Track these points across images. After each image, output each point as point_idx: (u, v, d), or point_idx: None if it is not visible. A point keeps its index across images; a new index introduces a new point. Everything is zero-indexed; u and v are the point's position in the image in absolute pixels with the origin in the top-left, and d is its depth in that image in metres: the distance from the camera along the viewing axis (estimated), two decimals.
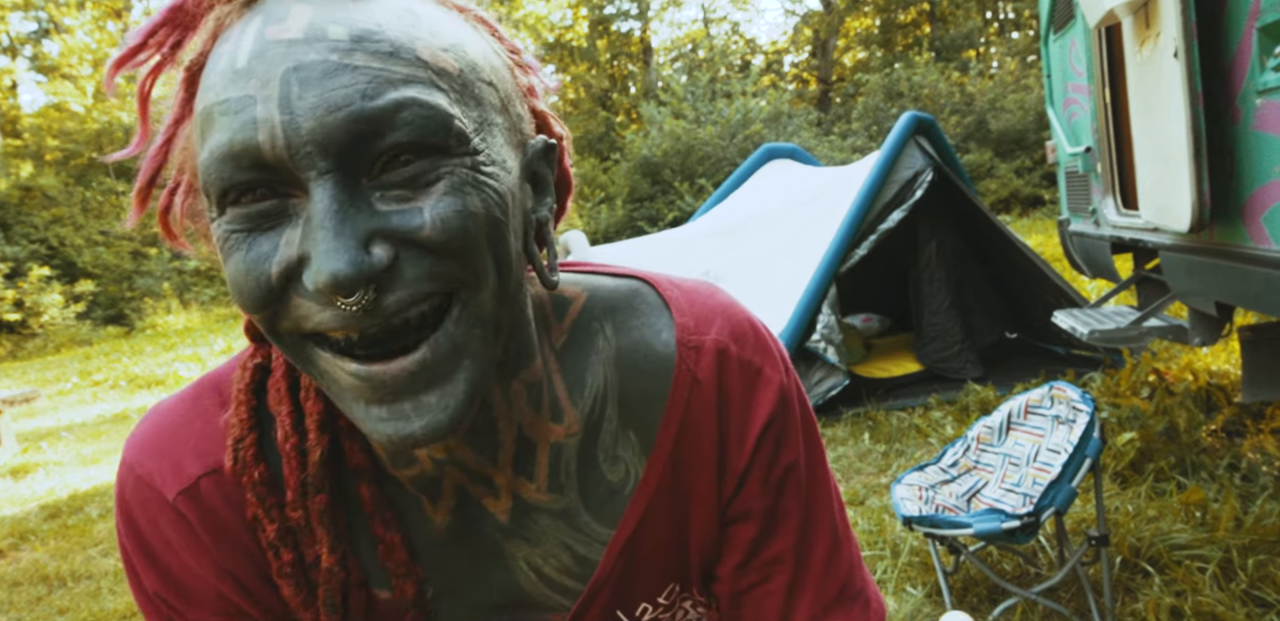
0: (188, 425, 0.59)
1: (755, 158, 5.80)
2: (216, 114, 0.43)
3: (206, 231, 0.52)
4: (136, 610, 2.85)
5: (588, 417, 0.61)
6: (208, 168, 0.43)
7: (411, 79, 0.43)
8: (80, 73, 19.75)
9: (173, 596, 0.58)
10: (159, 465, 0.57)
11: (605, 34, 22.76)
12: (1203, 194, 1.96)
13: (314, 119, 0.41)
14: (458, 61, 0.47)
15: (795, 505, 0.65)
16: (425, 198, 0.44)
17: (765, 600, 0.66)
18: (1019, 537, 1.75)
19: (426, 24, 0.47)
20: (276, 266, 0.44)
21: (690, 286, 0.66)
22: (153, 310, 16.04)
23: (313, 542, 0.57)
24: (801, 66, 24.23)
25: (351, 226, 0.42)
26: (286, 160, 0.42)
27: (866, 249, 3.92)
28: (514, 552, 0.63)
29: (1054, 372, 3.94)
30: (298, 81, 0.42)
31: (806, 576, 0.66)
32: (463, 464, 0.58)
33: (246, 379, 0.58)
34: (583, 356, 0.62)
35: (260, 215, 0.44)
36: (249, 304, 0.45)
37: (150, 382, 8.53)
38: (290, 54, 0.42)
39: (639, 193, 15.11)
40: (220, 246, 0.45)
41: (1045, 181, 13.89)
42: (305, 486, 0.56)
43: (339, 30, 0.43)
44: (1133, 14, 2.22)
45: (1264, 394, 2.37)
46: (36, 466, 5.27)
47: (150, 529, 0.57)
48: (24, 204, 17.14)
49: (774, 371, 0.64)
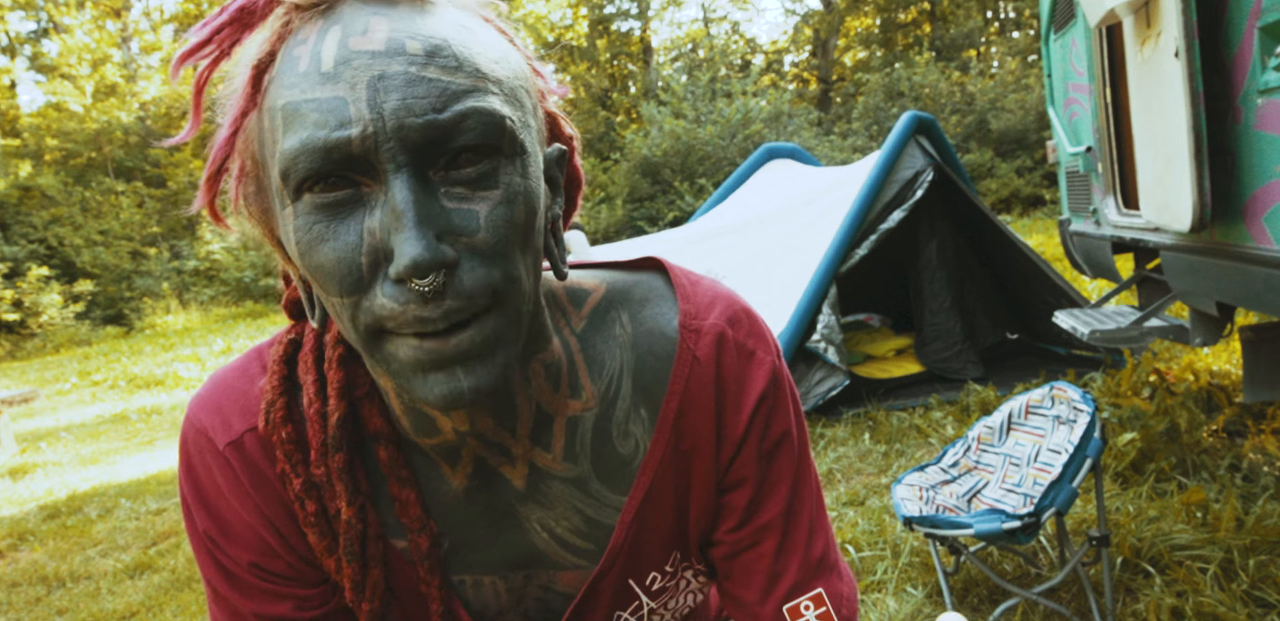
0: (236, 388, 0.67)
1: (755, 157, 5.80)
2: (307, 111, 0.48)
3: (259, 215, 0.58)
4: (136, 610, 2.85)
5: (604, 394, 0.68)
6: (295, 157, 0.49)
7: (474, 90, 0.50)
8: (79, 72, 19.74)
9: (218, 534, 0.67)
10: (212, 420, 0.66)
11: (605, 33, 22.75)
12: (1204, 194, 1.96)
13: (397, 120, 0.48)
14: (506, 71, 0.54)
15: (786, 474, 0.72)
16: (482, 203, 0.51)
17: (755, 562, 0.72)
18: (1020, 538, 1.74)
19: (480, 38, 0.54)
20: (365, 255, 0.50)
21: (696, 278, 0.73)
22: (152, 310, 16.04)
23: (334, 496, 0.64)
24: (802, 66, 24.22)
25: (428, 218, 0.48)
26: (372, 153, 0.48)
27: (867, 249, 3.92)
28: (528, 514, 0.69)
29: (1055, 373, 3.94)
30: (383, 88, 0.48)
31: (793, 542, 0.72)
32: (482, 435, 0.64)
33: (280, 351, 0.67)
34: (602, 340, 0.69)
35: (337, 203, 0.50)
36: (341, 289, 0.51)
37: (149, 383, 8.53)
38: (374, 64, 0.48)
39: (639, 192, 15.11)
40: (299, 236, 0.51)
41: (1046, 181, 13.89)
42: (326, 446, 0.63)
43: (415, 45, 0.49)
44: (1133, 13, 2.21)
45: (1265, 394, 2.37)
46: (35, 467, 5.27)
47: (205, 474, 0.66)
48: (23, 204, 17.14)
49: (766, 354, 0.71)
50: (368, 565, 0.66)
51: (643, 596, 0.75)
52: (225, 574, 0.67)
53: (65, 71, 19.77)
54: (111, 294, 16.72)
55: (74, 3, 19.99)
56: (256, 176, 0.56)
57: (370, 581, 0.66)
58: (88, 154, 19.49)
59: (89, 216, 17.47)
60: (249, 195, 0.57)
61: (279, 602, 0.68)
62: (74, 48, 19.72)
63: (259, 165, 0.55)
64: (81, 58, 19.78)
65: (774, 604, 0.72)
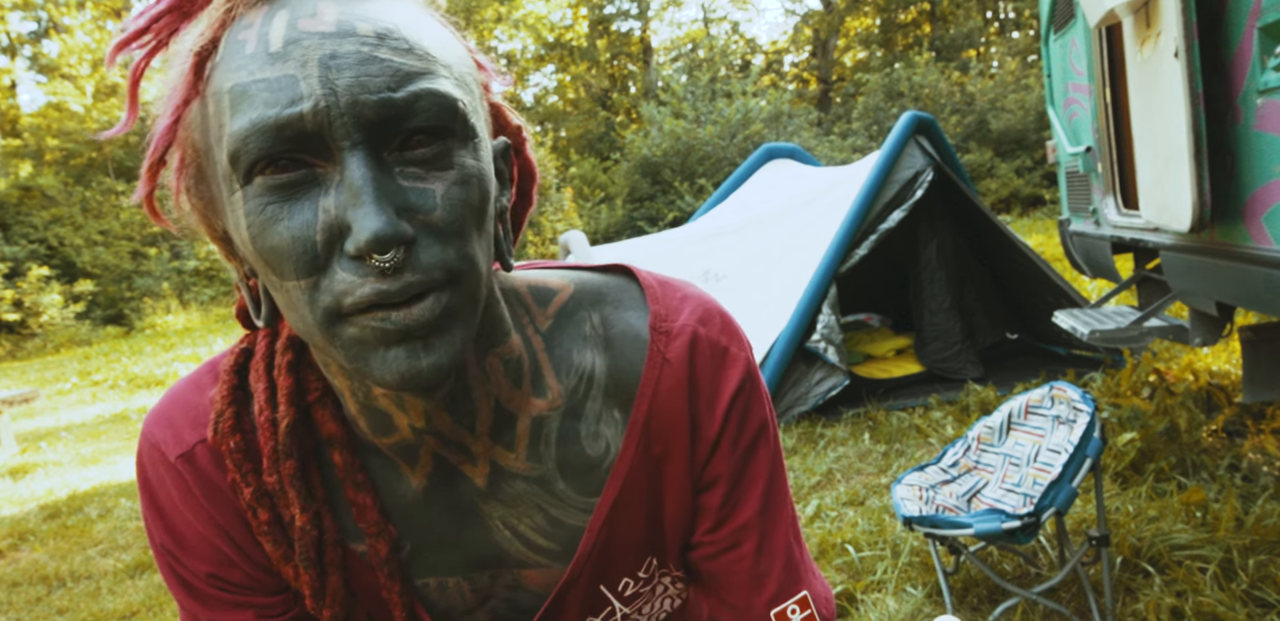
0: (187, 400, 0.67)
1: (755, 157, 5.80)
2: (255, 91, 0.48)
3: (201, 207, 0.57)
4: (136, 610, 2.85)
5: (571, 394, 0.67)
6: (245, 138, 0.47)
7: (426, 72, 0.50)
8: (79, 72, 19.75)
9: (174, 546, 0.67)
10: (164, 433, 0.66)
11: (605, 34, 22.75)
12: (1203, 194, 1.96)
13: (351, 96, 0.47)
14: (453, 57, 0.54)
15: (762, 472, 0.71)
16: (437, 182, 0.51)
17: (736, 564, 0.72)
18: (1019, 538, 1.74)
19: (426, 25, 0.54)
20: (320, 232, 0.49)
21: (666, 280, 0.73)
22: (152, 310, 16.03)
23: (287, 504, 0.63)
24: (802, 66, 24.22)
25: (386, 194, 0.48)
26: (325, 130, 0.47)
27: (867, 249, 3.92)
28: (490, 512, 0.68)
29: (1054, 373, 3.94)
30: (335, 66, 0.48)
31: (773, 545, 0.72)
32: (440, 433, 0.63)
33: (231, 361, 0.67)
34: (569, 339, 0.68)
35: (291, 184, 0.49)
36: (297, 269, 0.50)
37: (150, 383, 8.53)
38: (325, 44, 0.48)
39: (639, 193, 15.11)
40: (251, 219, 0.50)
41: (1046, 181, 13.89)
42: (277, 453, 0.63)
43: (366, 27, 0.49)
44: (1133, 13, 2.21)
45: (1265, 394, 2.37)
46: (36, 466, 5.27)
47: (159, 487, 0.66)
48: (23, 204, 17.13)
49: (740, 350, 0.70)
50: (325, 571, 0.65)
51: (615, 602, 0.74)
52: (184, 585, 0.68)
53: (65, 72, 19.78)
54: (112, 294, 16.72)
55: (74, 3, 19.99)
56: (198, 166, 0.55)
57: (329, 588, 0.65)
58: (88, 154, 19.49)
59: (89, 216, 17.47)
60: (190, 186, 0.56)
61: (240, 611, 0.68)
62: (74, 48, 19.72)
63: (201, 154, 0.53)
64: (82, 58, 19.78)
65: (761, 607, 0.72)
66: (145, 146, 0.53)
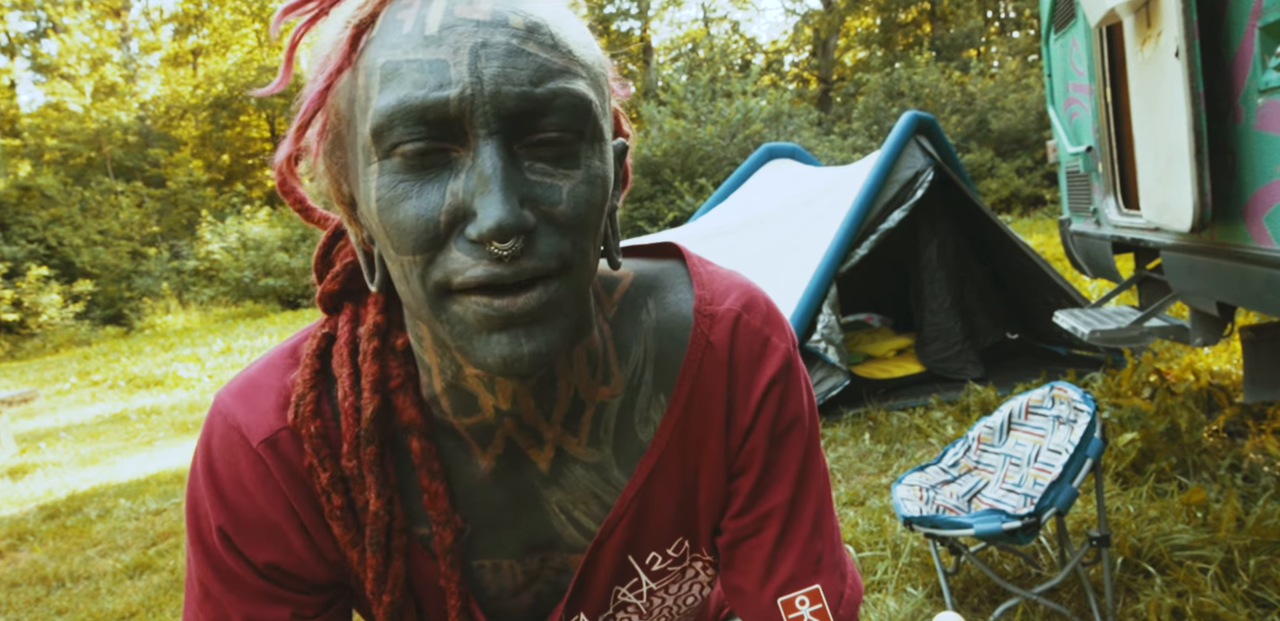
0: (268, 384, 0.67)
1: (755, 157, 5.79)
2: (407, 70, 0.49)
3: (335, 170, 0.58)
4: (135, 611, 2.85)
5: (629, 382, 0.69)
6: (391, 115, 0.49)
7: (566, 70, 0.52)
8: (78, 72, 19.73)
9: (234, 532, 0.66)
10: (248, 417, 0.66)
11: (605, 33, 22.74)
12: (1204, 193, 1.95)
13: (495, 86, 0.49)
14: (591, 58, 0.55)
15: (793, 461, 0.72)
16: (565, 180, 0.52)
17: (755, 551, 0.72)
18: (1020, 538, 1.74)
19: (571, 22, 0.55)
20: (445, 214, 0.50)
21: (715, 267, 0.74)
22: (151, 310, 16.03)
23: (363, 489, 0.64)
24: (802, 66, 24.22)
25: (514, 185, 0.50)
26: (466, 116, 0.49)
27: (867, 249, 3.91)
28: (549, 497, 0.70)
29: (1055, 373, 3.93)
30: (485, 55, 0.49)
31: (794, 534, 0.72)
32: (519, 416, 0.65)
33: (314, 346, 0.67)
34: (629, 326, 0.70)
35: (425, 165, 0.51)
36: (415, 246, 0.51)
37: (149, 383, 8.52)
38: (478, 32, 0.50)
39: (639, 192, 15.10)
40: (381, 193, 0.52)
41: (1046, 181, 13.89)
42: (359, 439, 0.63)
43: (518, 20, 0.51)
44: (1134, 13, 2.21)
45: (1265, 394, 2.37)
46: (35, 467, 5.27)
47: (228, 470, 0.65)
48: (22, 203, 17.13)
49: (781, 340, 0.71)
50: (391, 557, 0.66)
51: (641, 574, 0.75)
52: (225, 574, 0.67)
53: (65, 71, 19.76)
54: (111, 294, 16.71)
55: (72, 3, 19.97)
56: (339, 132, 0.57)
57: (392, 573, 0.67)
58: (87, 154, 19.47)
59: (88, 216, 17.46)
60: (328, 150, 0.58)
61: (276, 606, 0.67)
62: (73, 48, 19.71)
63: (344, 121, 0.55)
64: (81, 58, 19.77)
65: (770, 594, 0.72)
66: (295, 108, 0.55)
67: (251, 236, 16.85)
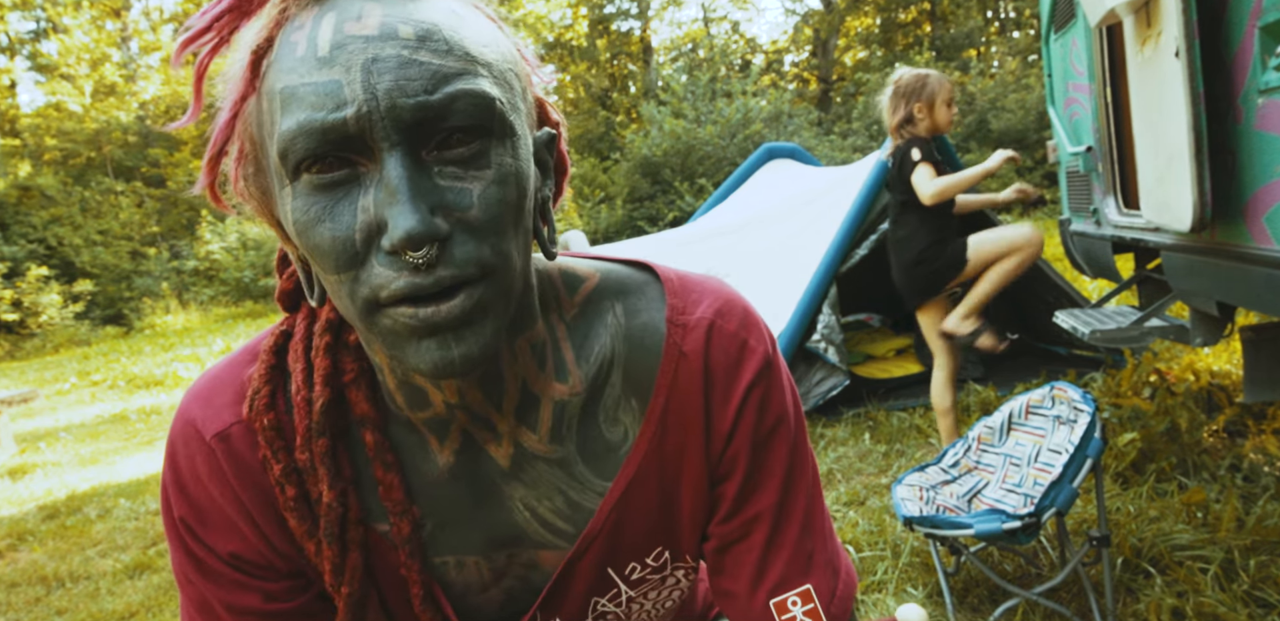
0: (227, 380, 0.69)
1: (755, 157, 5.79)
2: (304, 93, 0.50)
3: (258, 195, 0.60)
4: (135, 611, 2.85)
5: (592, 380, 0.69)
6: (293, 138, 0.50)
7: (465, 72, 0.52)
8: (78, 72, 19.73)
9: (196, 523, 0.68)
10: (203, 412, 0.68)
11: (605, 33, 22.75)
12: (1204, 194, 1.95)
13: (390, 99, 0.49)
14: (494, 55, 0.56)
15: (780, 462, 0.72)
16: (475, 182, 0.53)
17: (745, 555, 0.72)
18: (1020, 538, 1.74)
19: (469, 23, 0.55)
20: (359, 232, 0.51)
21: (686, 274, 0.74)
22: (151, 310, 16.03)
23: (316, 481, 0.65)
24: (802, 66, 24.22)
25: (421, 193, 0.50)
26: (366, 132, 0.50)
27: (867, 248, 3.91)
28: (511, 493, 0.70)
29: (1055, 373, 3.93)
30: (376, 70, 0.50)
31: (784, 536, 0.72)
32: (470, 408, 0.66)
33: (270, 342, 0.69)
34: (592, 327, 0.70)
35: (334, 183, 0.52)
36: (337, 266, 0.53)
37: (149, 383, 8.52)
38: (368, 48, 0.50)
39: (639, 192, 15.10)
40: (297, 216, 0.53)
41: (1046, 181, 13.89)
42: (310, 431, 0.65)
43: (407, 30, 0.51)
44: (1134, 13, 2.21)
45: (1266, 394, 2.36)
46: (35, 467, 5.27)
47: (187, 464, 0.67)
48: (22, 203, 17.13)
49: (758, 343, 0.71)
50: (347, 548, 0.67)
51: (621, 585, 0.75)
52: (196, 562, 0.69)
53: (65, 71, 19.76)
54: (111, 294, 16.71)
55: (72, 3, 19.97)
56: (255, 158, 0.58)
57: (349, 565, 0.67)
58: (87, 154, 19.47)
59: (88, 216, 17.47)
60: (248, 176, 0.59)
61: (247, 593, 0.69)
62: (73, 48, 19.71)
63: (257, 147, 0.56)
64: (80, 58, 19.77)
65: (762, 597, 0.71)
66: (207, 138, 0.56)
67: (251, 236, 16.85)
